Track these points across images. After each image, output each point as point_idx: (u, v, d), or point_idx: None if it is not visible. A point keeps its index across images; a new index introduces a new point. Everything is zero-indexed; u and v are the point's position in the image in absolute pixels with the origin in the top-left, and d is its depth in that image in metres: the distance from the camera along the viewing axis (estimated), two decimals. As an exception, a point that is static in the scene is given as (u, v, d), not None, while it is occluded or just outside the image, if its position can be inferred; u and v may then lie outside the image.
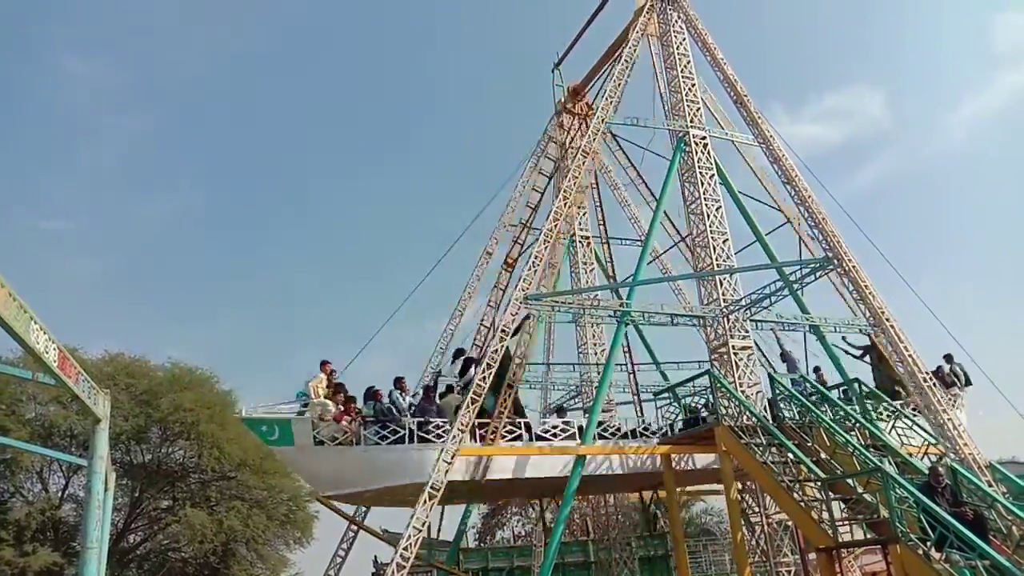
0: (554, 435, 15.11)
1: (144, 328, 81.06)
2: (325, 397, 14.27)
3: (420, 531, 12.61)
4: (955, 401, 17.67)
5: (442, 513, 21.93)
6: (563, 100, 23.66)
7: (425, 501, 12.57)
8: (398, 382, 14.93)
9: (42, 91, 71.96)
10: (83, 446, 26.11)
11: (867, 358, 18.98)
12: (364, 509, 19.11)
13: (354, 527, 18.58)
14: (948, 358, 18.77)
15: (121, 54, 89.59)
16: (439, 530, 22.13)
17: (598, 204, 22.73)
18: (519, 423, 15.05)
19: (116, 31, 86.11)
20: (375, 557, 27.17)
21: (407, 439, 13.81)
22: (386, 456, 13.78)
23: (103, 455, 5.84)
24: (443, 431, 13.84)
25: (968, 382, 18.65)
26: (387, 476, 13.75)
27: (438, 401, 15.22)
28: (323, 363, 14.97)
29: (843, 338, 18.76)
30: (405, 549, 12.32)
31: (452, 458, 12.99)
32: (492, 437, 14.26)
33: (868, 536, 12.17)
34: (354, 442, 13.80)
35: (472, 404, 13.60)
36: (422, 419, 14.13)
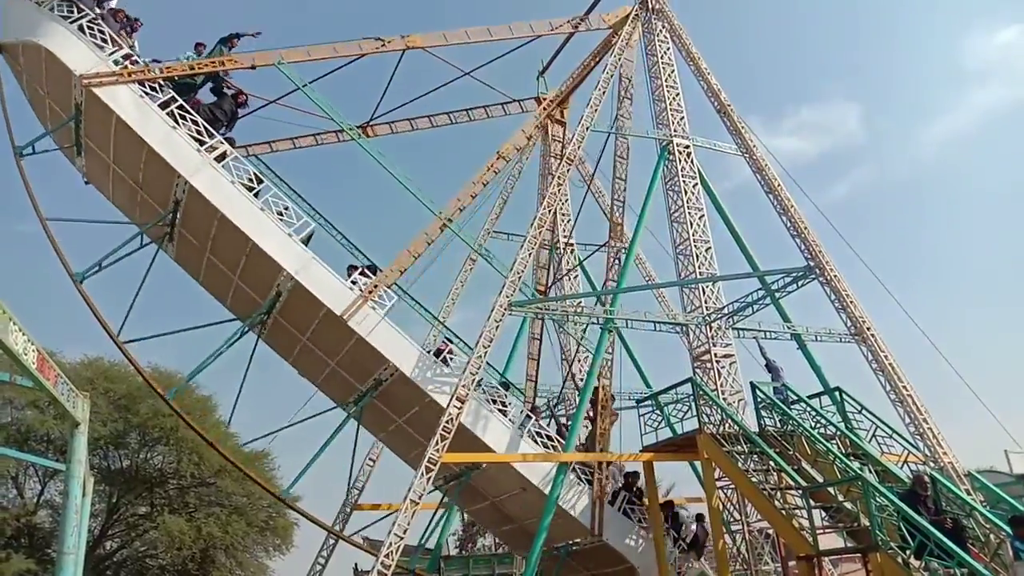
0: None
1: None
2: None
3: (401, 538, 12.53)
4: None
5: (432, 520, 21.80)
6: (548, 108, 23.61)
7: (407, 509, 12.50)
8: None
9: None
10: (60, 451, 25.76)
11: None
12: (343, 517, 18.95)
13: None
14: None
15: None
16: (426, 538, 22.02)
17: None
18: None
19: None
20: (355, 565, 26.98)
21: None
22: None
23: (82, 459, 5.76)
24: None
25: None
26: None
27: None
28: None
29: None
30: (386, 556, 12.24)
31: (435, 465, 12.93)
32: None
33: (848, 544, 12.24)
34: None
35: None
36: None
